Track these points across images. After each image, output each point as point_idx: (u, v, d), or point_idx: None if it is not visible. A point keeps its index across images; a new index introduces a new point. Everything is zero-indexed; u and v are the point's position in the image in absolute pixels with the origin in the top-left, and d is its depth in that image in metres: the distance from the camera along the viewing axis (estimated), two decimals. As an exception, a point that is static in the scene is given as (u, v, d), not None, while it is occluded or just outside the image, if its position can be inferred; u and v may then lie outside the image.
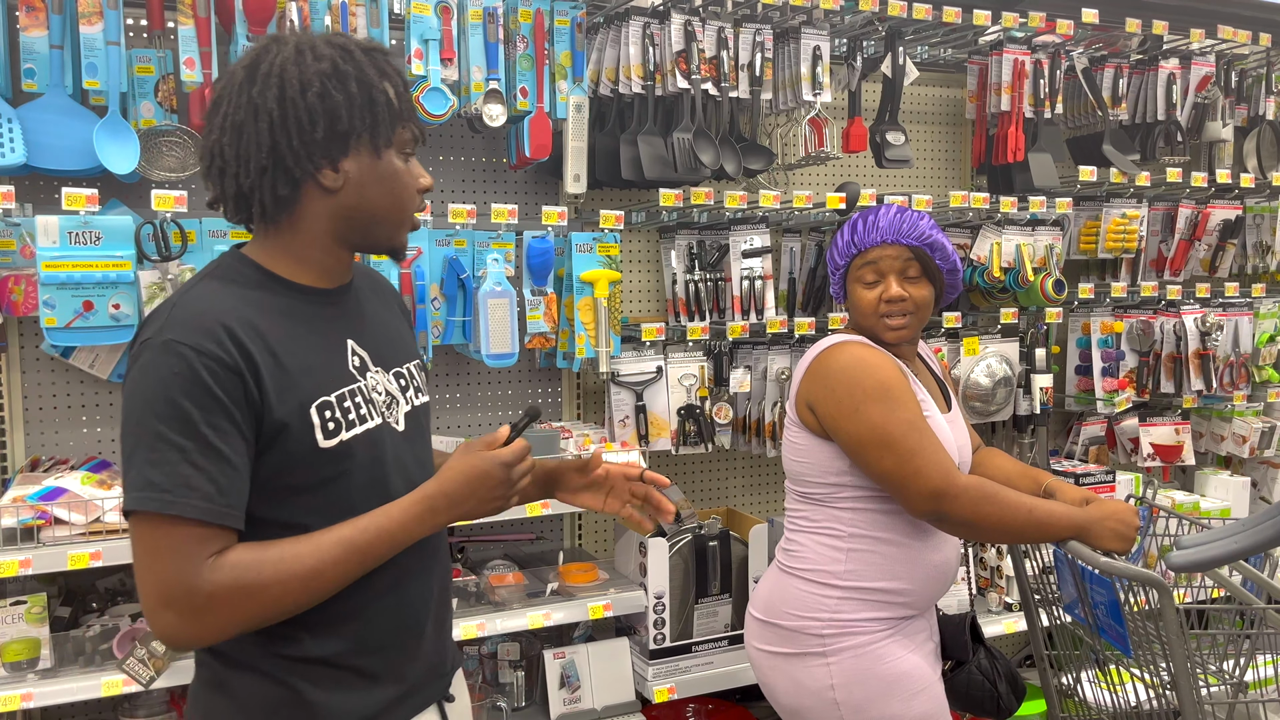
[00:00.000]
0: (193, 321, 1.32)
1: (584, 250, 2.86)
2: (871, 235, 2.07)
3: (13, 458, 2.62)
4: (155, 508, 1.27)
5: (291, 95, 1.37)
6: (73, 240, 2.30)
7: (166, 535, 1.28)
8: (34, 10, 2.33)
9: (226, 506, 1.30)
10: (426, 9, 2.64)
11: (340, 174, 1.41)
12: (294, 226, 1.44)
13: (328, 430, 1.40)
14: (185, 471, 1.27)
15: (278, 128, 1.37)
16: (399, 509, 1.41)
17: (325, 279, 1.48)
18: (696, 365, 3.09)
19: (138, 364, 1.32)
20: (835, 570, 2.05)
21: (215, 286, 1.40)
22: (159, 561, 1.28)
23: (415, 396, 1.59)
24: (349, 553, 1.36)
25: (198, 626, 1.30)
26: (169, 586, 1.28)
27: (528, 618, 2.64)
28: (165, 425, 1.28)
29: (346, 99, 1.38)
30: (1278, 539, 1.88)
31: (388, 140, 1.44)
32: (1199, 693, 1.96)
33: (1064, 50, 3.47)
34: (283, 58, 1.38)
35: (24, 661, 2.27)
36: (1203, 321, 3.67)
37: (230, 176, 1.40)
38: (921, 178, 3.77)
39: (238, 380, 1.31)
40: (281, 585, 1.32)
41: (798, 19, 3.06)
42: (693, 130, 2.90)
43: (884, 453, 1.94)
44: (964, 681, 2.22)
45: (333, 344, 1.47)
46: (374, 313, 1.58)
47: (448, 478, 1.44)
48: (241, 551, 1.32)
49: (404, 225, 1.50)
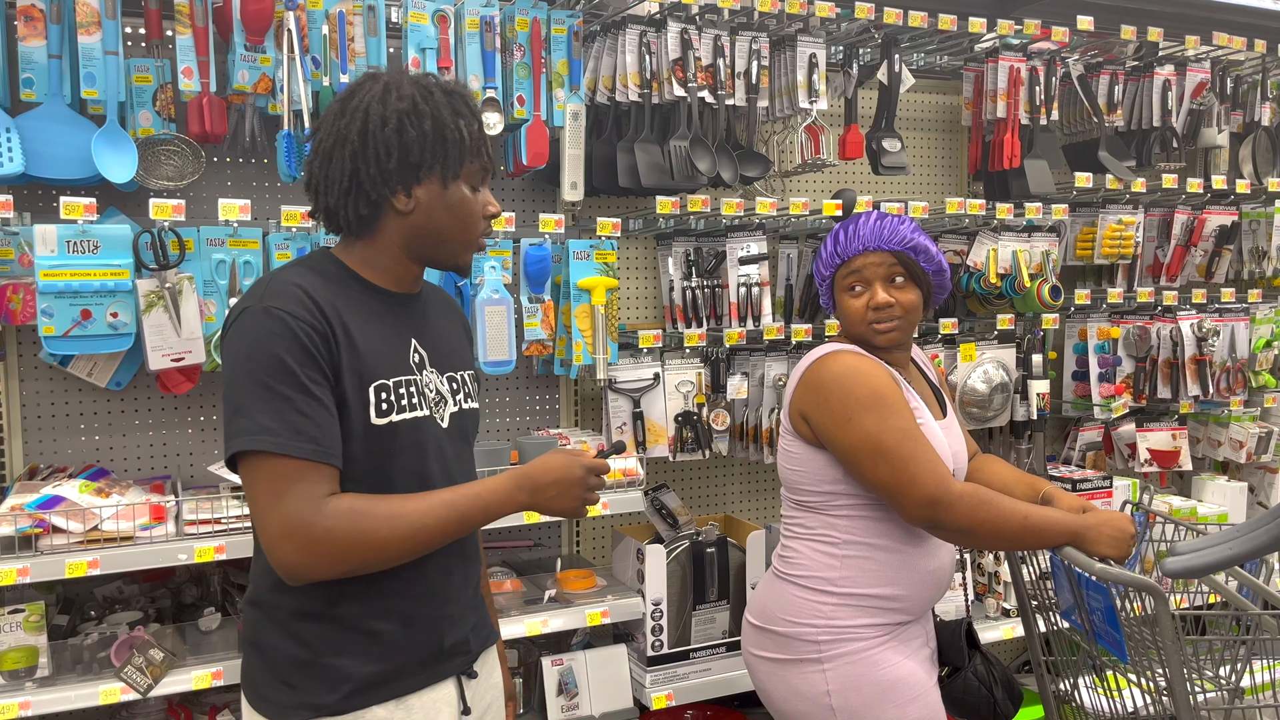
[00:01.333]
0: (286, 292, 1.51)
1: (581, 257, 2.87)
2: (853, 244, 2.08)
3: (11, 466, 2.63)
4: (273, 448, 1.43)
5: (373, 129, 1.56)
6: (71, 249, 2.31)
7: (284, 475, 1.44)
8: (32, 20, 2.34)
9: (331, 448, 1.48)
10: (424, 18, 2.65)
11: (412, 199, 1.60)
12: (373, 239, 1.64)
13: (380, 409, 1.55)
14: (294, 417, 1.44)
15: (359, 156, 1.56)
16: (495, 481, 1.60)
17: (398, 285, 1.67)
18: (694, 372, 3.09)
19: (237, 325, 1.51)
20: (831, 577, 2.05)
21: (304, 271, 1.58)
22: (280, 497, 1.44)
23: (465, 401, 1.75)
24: (450, 513, 1.53)
25: (314, 558, 1.45)
26: (290, 519, 1.43)
27: (525, 624, 2.64)
28: (270, 377, 1.45)
29: (420, 135, 1.57)
30: (1273, 545, 1.89)
31: (455, 173, 1.61)
32: (1195, 698, 1.96)
33: (1059, 57, 3.48)
34: (371, 95, 1.58)
35: (22, 670, 2.27)
36: (1199, 327, 3.67)
37: (321, 195, 1.62)
38: (918, 184, 3.78)
39: (326, 342, 1.50)
40: (391, 530, 1.48)
41: (794, 27, 3.07)
42: (689, 138, 2.91)
43: (878, 461, 1.94)
44: (960, 687, 2.22)
45: (398, 337, 1.64)
46: (438, 323, 1.76)
47: (537, 464, 1.62)
48: (355, 499, 1.48)
49: (469, 247, 1.68)
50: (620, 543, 3.01)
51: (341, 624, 1.56)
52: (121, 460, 2.73)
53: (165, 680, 2.30)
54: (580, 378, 3.21)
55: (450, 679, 1.68)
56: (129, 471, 2.72)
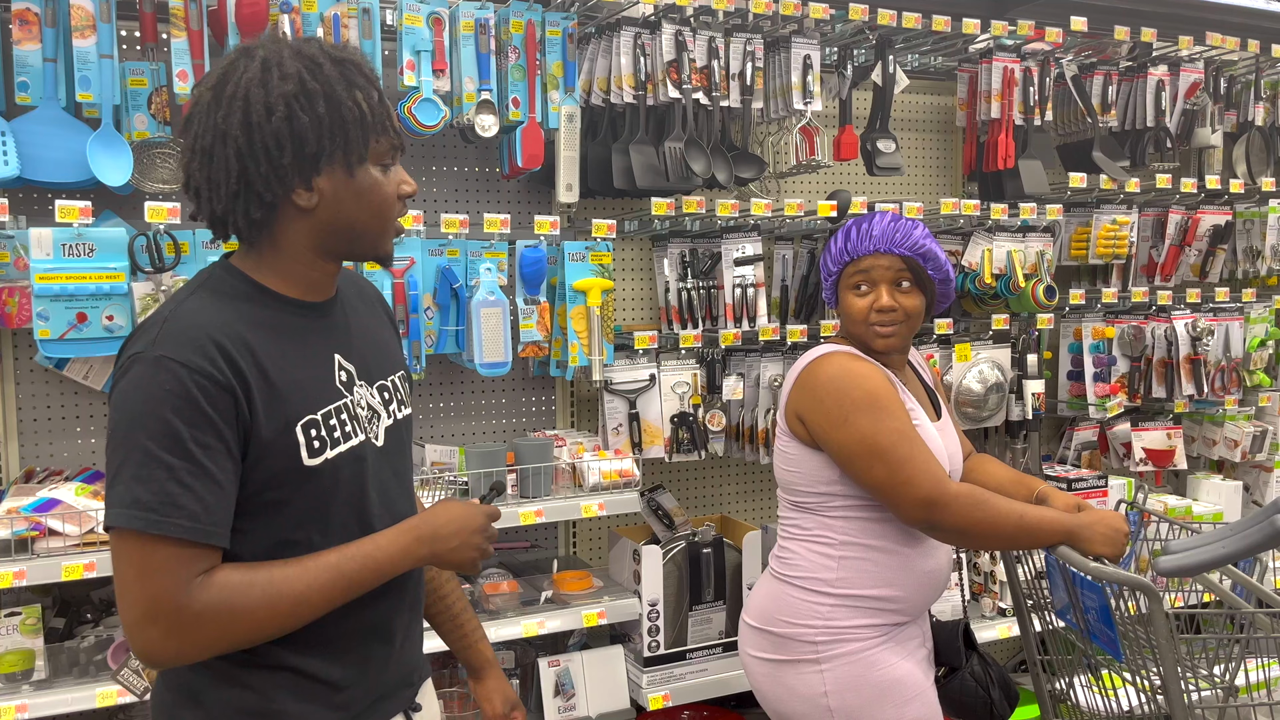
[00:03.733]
0: (185, 336, 1.31)
1: (577, 259, 2.87)
2: (865, 244, 2.08)
3: (7, 469, 2.63)
4: (141, 526, 1.26)
5: (256, 120, 1.34)
6: (66, 252, 2.31)
7: (153, 554, 1.27)
8: (27, 24, 2.34)
9: (212, 525, 1.30)
10: (419, 20, 2.65)
11: (315, 193, 1.39)
12: (274, 244, 1.43)
13: (313, 449, 1.40)
14: (172, 490, 1.27)
15: (245, 154, 1.34)
16: (386, 539, 1.42)
17: (312, 292, 1.47)
18: (689, 373, 3.10)
19: (127, 377, 1.31)
20: (828, 578, 2.06)
21: (207, 299, 1.38)
22: (145, 579, 1.27)
23: (398, 410, 1.59)
24: (336, 579, 1.37)
25: (181, 644, 1.29)
26: (155, 604, 1.27)
27: (522, 626, 2.64)
28: (154, 442, 1.27)
29: (314, 120, 1.35)
30: (1266, 543, 1.89)
31: (361, 156, 1.40)
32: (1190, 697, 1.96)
33: (1053, 58, 3.49)
34: (248, 78, 1.35)
35: (19, 673, 2.28)
36: (1194, 326, 3.69)
37: (205, 201, 1.40)
38: (912, 185, 3.79)
39: (229, 398, 1.31)
40: (269, 608, 1.32)
41: (788, 28, 3.08)
42: (684, 139, 2.91)
43: (874, 462, 1.95)
44: (957, 688, 2.22)
45: (320, 359, 1.46)
46: (361, 324, 1.57)
47: (438, 514, 1.47)
48: (230, 572, 1.32)
49: (387, 234, 1.48)
50: (616, 544, 3.02)
51: (292, 670, 1.43)
52: (118, 463, 2.72)
53: (162, 683, 2.31)
54: (576, 379, 3.22)
55: (398, 716, 1.59)
56: (125, 474, 2.71)
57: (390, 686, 1.57)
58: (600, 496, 2.77)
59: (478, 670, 1.84)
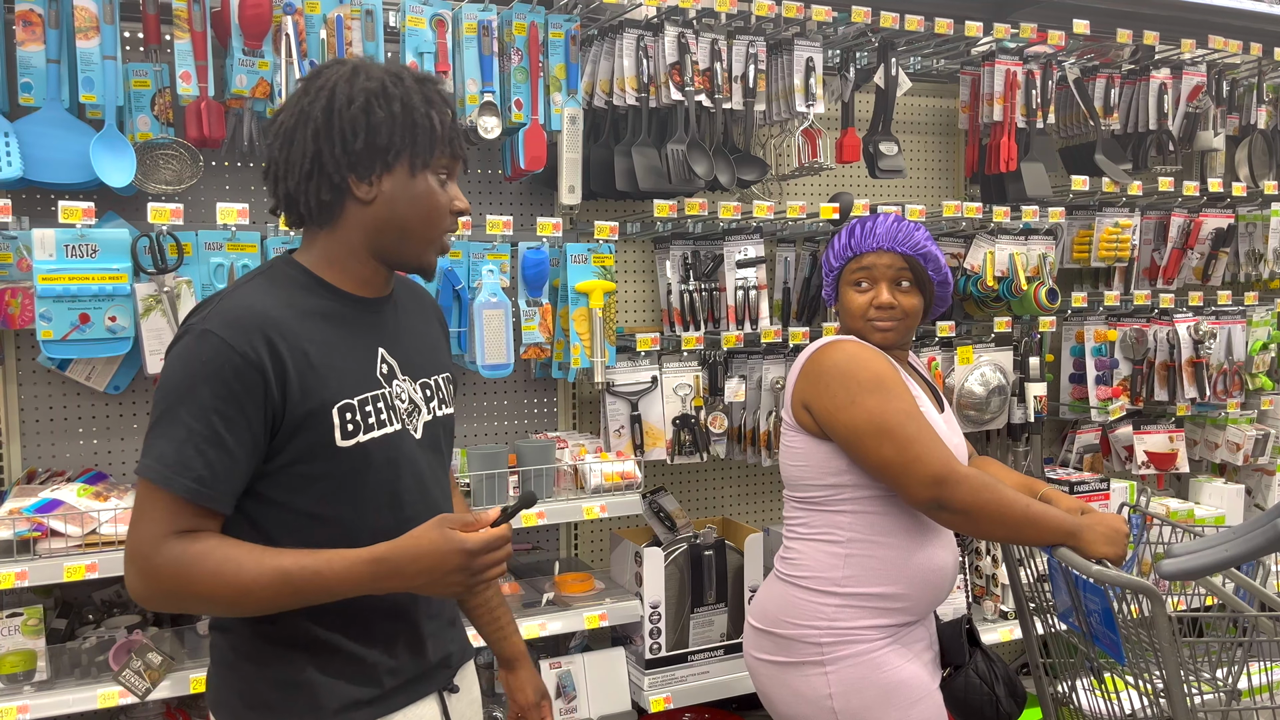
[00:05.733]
0: (231, 315, 1.43)
1: (579, 261, 2.87)
2: (868, 241, 2.11)
3: (9, 470, 2.63)
4: (152, 478, 1.39)
5: (338, 107, 1.47)
6: (69, 253, 2.31)
7: (155, 504, 1.39)
8: (31, 25, 2.35)
9: (214, 491, 1.40)
10: (421, 22, 2.66)
11: (375, 187, 1.50)
12: (334, 234, 1.54)
13: (346, 431, 1.48)
14: (188, 452, 1.38)
15: (322, 136, 1.47)
16: (343, 563, 1.41)
17: (365, 288, 1.58)
18: (691, 375, 3.10)
19: (178, 345, 1.44)
20: (834, 576, 2.05)
21: (263, 285, 1.50)
22: (139, 523, 1.40)
23: (439, 408, 1.68)
24: (282, 584, 1.40)
25: (146, 588, 1.40)
26: (136, 546, 1.40)
27: (524, 628, 2.64)
28: (183, 406, 1.39)
29: (389, 117, 1.48)
30: (1269, 546, 1.89)
31: (425, 162, 1.51)
32: (1192, 700, 1.96)
33: (1056, 61, 3.49)
34: (338, 75, 1.50)
35: (20, 674, 2.27)
36: (1196, 329, 3.68)
37: (280, 180, 1.52)
38: (915, 188, 3.79)
39: (258, 377, 1.41)
40: (213, 586, 1.39)
41: (791, 31, 3.08)
42: (686, 141, 2.91)
43: (882, 441, 1.95)
44: (962, 686, 2.21)
45: (364, 349, 1.55)
46: (410, 324, 1.67)
47: (402, 547, 1.42)
48: (203, 541, 1.40)
49: (433, 244, 1.57)
50: (618, 546, 3.01)
51: (323, 645, 1.50)
52: (120, 464, 2.73)
53: (163, 683, 2.31)
54: (578, 381, 3.22)
55: (433, 695, 1.63)
56: (127, 475, 2.72)
57: (423, 667, 1.62)
58: (602, 498, 2.77)
59: (510, 661, 1.91)
